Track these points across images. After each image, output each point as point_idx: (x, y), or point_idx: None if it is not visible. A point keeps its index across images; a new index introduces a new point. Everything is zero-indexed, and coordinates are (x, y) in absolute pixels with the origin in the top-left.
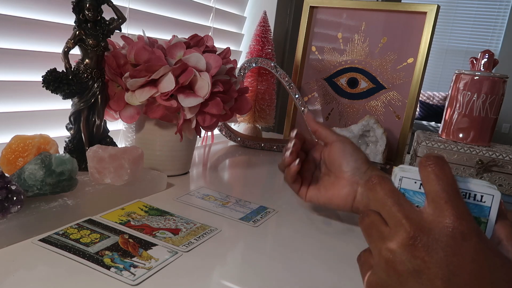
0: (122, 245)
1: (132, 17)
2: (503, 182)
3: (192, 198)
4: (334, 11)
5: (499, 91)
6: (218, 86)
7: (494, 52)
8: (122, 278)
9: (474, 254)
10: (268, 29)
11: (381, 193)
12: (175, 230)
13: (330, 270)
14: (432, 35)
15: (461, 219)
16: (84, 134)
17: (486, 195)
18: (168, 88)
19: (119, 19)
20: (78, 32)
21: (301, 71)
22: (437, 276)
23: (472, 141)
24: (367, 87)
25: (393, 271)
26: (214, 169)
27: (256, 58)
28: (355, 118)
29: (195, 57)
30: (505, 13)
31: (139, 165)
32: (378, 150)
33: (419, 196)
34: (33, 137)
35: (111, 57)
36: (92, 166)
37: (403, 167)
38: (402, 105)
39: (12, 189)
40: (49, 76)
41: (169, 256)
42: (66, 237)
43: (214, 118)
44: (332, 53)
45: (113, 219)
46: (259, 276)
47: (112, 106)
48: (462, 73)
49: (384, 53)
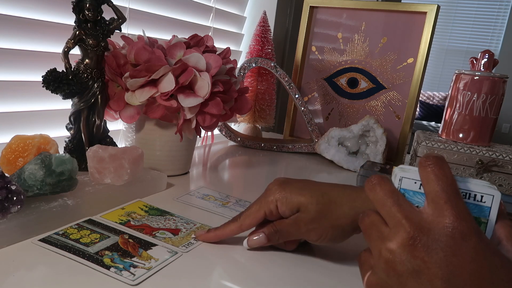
0: (122, 245)
1: (132, 17)
2: (503, 182)
3: (192, 198)
4: (334, 11)
5: (499, 91)
6: (218, 86)
7: (494, 52)
8: (122, 278)
9: (473, 254)
10: (268, 29)
11: (381, 193)
12: (175, 230)
13: (330, 270)
14: (432, 35)
15: (460, 219)
16: (84, 134)
17: (486, 195)
18: (168, 88)
19: (119, 19)
20: (78, 32)
21: (301, 71)
22: (437, 276)
23: (472, 141)
24: (367, 87)
25: (393, 271)
26: (214, 169)
27: (256, 58)
28: (355, 118)
29: (195, 57)
30: (505, 13)
31: (139, 165)
32: (378, 150)
33: (419, 196)
34: (33, 137)
35: (111, 57)
36: (92, 166)
37: (403, 167)
38: (402, 105)
39: (12, 189)
40: (49, 76)
41: (169, 256)
42: (66, 237)
43: (214, 118)
44: (332, 53)
45: (113, 219)
46: (259, 276)
47: (112, 106)
48: (462, 73)
49: (384, 53)
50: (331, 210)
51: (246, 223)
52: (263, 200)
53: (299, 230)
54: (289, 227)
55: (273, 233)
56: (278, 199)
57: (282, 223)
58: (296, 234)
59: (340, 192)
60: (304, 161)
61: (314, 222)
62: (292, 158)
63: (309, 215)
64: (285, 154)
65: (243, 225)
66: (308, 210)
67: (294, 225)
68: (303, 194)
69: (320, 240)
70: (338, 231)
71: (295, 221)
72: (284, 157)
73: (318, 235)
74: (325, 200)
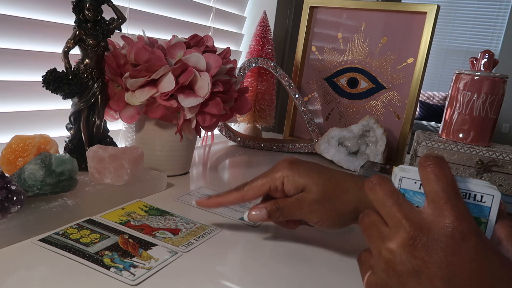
0: (122, 245)
1: (132, 17)
2: (503, 182)
3: (192, 198)
4: (334, 11)
5: (499, 91)
6: (218, 86)
7: (494, 52)
8: (121, 278)
9: (473, 254)
10: (268, 29)
11: (381, 193)
12: (175, 230)
13: (330, 269)
14: (432, 35)
15: (460, 219)
16: (84, 134)
17: (486, 195)
18: (168, 88)
19: (119, 19)
20: (78, 32)
21: (301, 71)
22: (437, 276)
23: (472, 141)
24: (367, 87)
25: (392, 271)
26: (214, 169)
27: (256, 58)
28: (355, 118)
29: (195, 57)
30: (505, 13)
31: (139, 165)
32: (378, 150)
33: (419, 196)
34: (33, 137)
35: (111, 57)
36: (92, 166)
37: (403, 167)
38: (402, 105)
39: (12, 189)
40: (49, 76)
41: (169, 256)
42: (66, 237)
43: (214, 118)
44: (332, 53)
45: (113, 219)
46: (259, 276)
47: (112, 106)
48: (462, 73)
49: (384, 53)
50: (336, 194)
51: (249, 195)
52: (270, 175)
53: (301, 210)
54: (292, 206)
55: (274, 210)
56: (286, 176)
57: (285, 201)
58: (298, 214)
59: (348, 179)
60: None
61: (317, 203)
62: None
63: (313, 196)
64: (285, 154)
65: (246, 196)
66: (312, 191)
67: (297, 204)
68: (311, 176)
69: (321, 223)
70: (339, 216)
71: (298, 201)
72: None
73: (319, 218)
74: (332, 183)
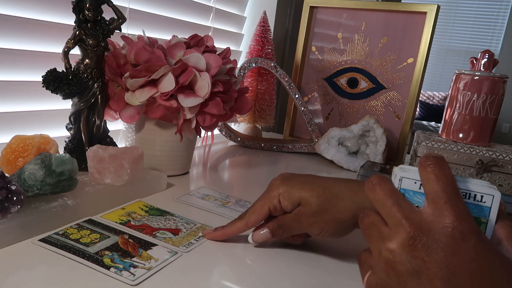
0: (122, 245)
1: (132, 17)
2: (503, 182)
3: (192, 198)
4: (334, 11)
5: (499, 91)
6: (218, 86)
7: (494, 52)
8: (121, 278)
9: (473, 254)
10: (268, 29)
11: (381, 193)
12: (175, 230)
13: (330, 269)
14: (432, 35)
15: (460, 219)
16: (84, 134)
17: (486, 195)
18: (168, 88)
19: (119, 19)
20: (78, 32)
21: (301, 71)
22: (437, 276)
23: (472, 141)
24: (367, 87)
25: (392, 271)
26: (214, 169)
27: (256, 58)
28: (355, 118)
29: (195, 57)
30: (505, 13)
31: (139, 165)
32: (378, 150)
33: (419, 197)
34: (33, 137)
35: (111, 57)
36: (92, 166)
37: (403, 167)
38: (402, 105)
39: (12, 189)
40: (49, 76)
41: (169, 256)
42: (66, 237)
43: (214, 118)
44: (332, 53)
45: (113, 219)
46: (259, 276)
47: (112, 106)
48: (462, 73)
49: (384, 53)
50: (332, 204)
51: (252, 220)
52: (266, 195)
53: (301, 224)
54: (292, 221)
55: (276, 228)
56: (281, 194)
57: (284, 218)
58: (299, 228)
59: (342, 186)
60: (304, 161)
61: (316, 215)
62: (292, 158)
63: (310, 209)
64: (285, 154)
65: (249, 222)
66: (309, 204)
67: (296, 219)
68: (305, 188)
69: (322, 234)
70: (340, 225)
71: (297, 215)
72: (284, 157)
73: (320, 229)
74: (327, 194)
